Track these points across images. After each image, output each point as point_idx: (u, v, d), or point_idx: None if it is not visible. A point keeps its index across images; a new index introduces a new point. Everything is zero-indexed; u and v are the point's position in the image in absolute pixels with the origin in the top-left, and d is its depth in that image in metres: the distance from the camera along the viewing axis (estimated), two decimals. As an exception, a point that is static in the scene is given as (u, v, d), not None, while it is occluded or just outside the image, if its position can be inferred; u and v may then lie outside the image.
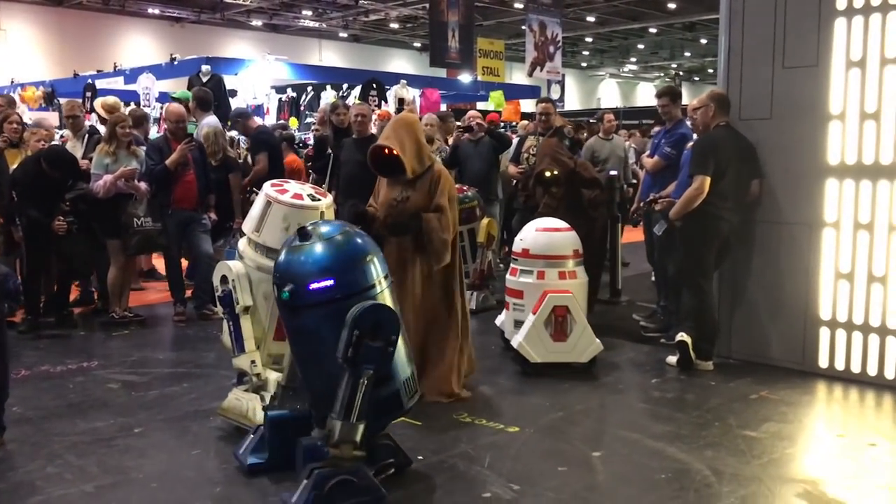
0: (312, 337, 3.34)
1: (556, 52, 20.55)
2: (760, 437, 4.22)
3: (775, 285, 5.45)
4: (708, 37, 28.92)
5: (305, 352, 3.43)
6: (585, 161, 6.84)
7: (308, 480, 3.21)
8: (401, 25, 27.04)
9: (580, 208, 6.30)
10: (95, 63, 16.60)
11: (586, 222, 6.26)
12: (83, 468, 3.81)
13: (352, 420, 3.20)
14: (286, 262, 3.37)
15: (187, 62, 11.61)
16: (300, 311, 3.32)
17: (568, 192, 6.34)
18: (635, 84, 41.84)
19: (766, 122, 5.41)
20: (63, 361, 5.62)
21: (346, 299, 3.24)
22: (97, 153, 6.64)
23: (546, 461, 3.91)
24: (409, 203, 4.67)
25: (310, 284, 3.24)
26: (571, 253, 5.50)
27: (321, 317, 3.27)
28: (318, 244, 3.34)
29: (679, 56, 34.02)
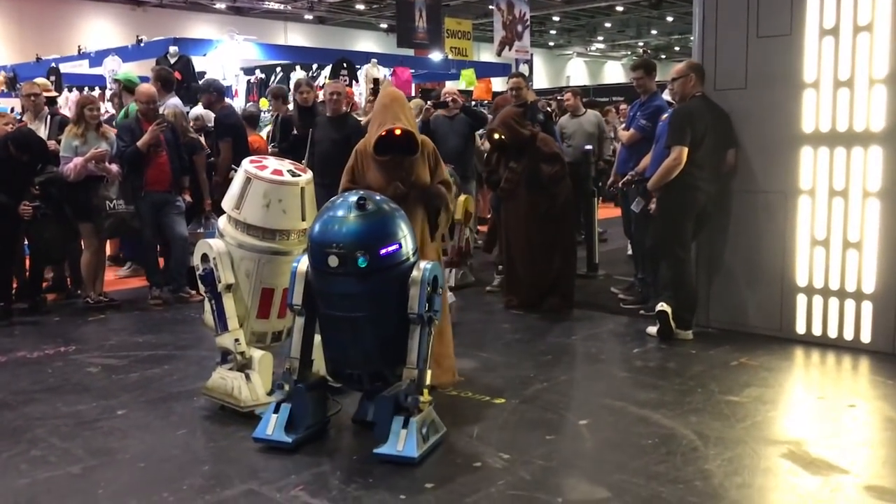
0: (378, 300, 3.56)
1: (525, 31, 20.57)
2: (743, 401, 4.28)
3: (752, 253, 5.52)
4: (674, 15, 29.05)
5: (367, 315, 3.57)
6: (547, 136, 6.68)
7: (406, 428, 3.52)
8: (367, 6, 26.80)
9: (538, 184, 6.22)
10: (56, 48, 16.24)
11: (546, 199, 6.23)
12: (68, 450, 3.76)
13: (428, 367, 3.65)
14: (355, 231, 3.48)
15: (154, 44, 11.41)
16: (371, 275, 3.50)
17: (528, 167, 6.25)
18: (603, 63, 41.96)
19: (740, 92, 5.45)
20: (39, 347, 5.53)
21: (407, 261, 3.62)
22: (66, 135, 6.52)
23: (533, 430, 3.93)
24: (416, 181, 4.37)
25: (381, 250, 3.50)
26: None
27: (390, 279, 3.56)
28: (378, 213, 3.56)
29: (646, 34, 34.15)
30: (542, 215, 6.22)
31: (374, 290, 3.55)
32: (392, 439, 3.52)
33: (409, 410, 3.55)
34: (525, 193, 6.24)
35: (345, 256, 3.45)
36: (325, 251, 3.48)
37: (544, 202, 6.22)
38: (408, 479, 3.39)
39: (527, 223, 6.26)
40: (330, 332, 3.73)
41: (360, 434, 3.88)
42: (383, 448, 3.53)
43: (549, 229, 6.25)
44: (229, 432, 3.94)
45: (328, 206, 3.66)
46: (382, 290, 3.56)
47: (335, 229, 3.50)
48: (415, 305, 3.57)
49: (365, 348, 3.65)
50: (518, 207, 6.32)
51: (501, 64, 18.08)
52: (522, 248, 6.33)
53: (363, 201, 3.55)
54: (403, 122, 4.28)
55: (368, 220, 3.53)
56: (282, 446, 3.66)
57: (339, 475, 3.43)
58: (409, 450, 3.48)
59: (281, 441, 3.67)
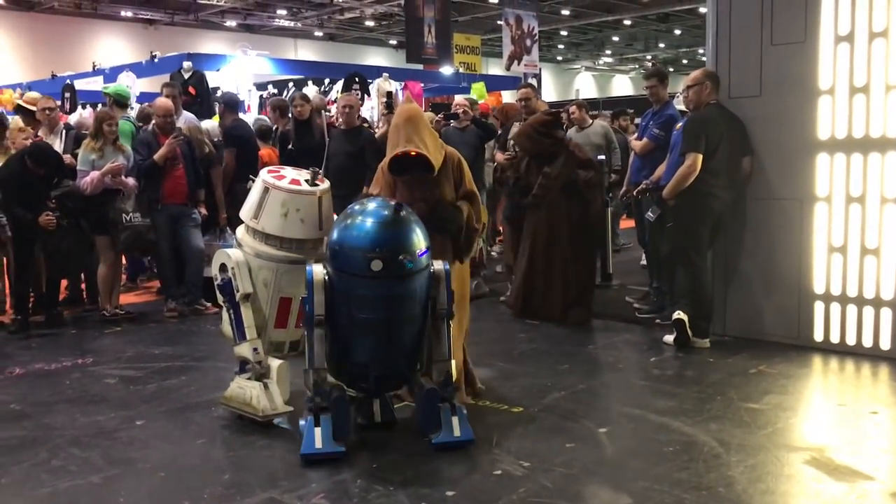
0: (412, 300, 3.73)
1: (533, 45, 20.62)
2: (763, 408, 4.25)
3: (768, 261, 5.50)
4: (682, 28, 29.10)
5: (402, 315, 3.74)
6: (578, 143, 6.76)
7: (456, 415, 3.78)
8: (376, 23, 26.95)
9: (575, 190, 6.25)
10: (70, 65, 16.40)
11: (581, 204, 6.24)
12: (88, 460, 3.77)
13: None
14: (399, 235, 3.60)
15: (168, 59, 11.48)
16: (412, 277, 3.65)
17: (562, 173, 6.25)
18: (611, 76, 42.01)
19: (755, 100, 5.45)
20: (57, 359, 5.55)
21: (432, 264, 3.80)
22: (83, 149, 6.57)
23: (553, 439, 3.91)
24: (441, 195, 4.28)
25: (420, 252, 3.65)
26: None
27: (422, 280, 3.73)
28: (411, 218, 3.70)
29: (653, 48, 34.19)
30: (574, 223, 6.19)
31: (411, 291, 3.71)
32: (446, 428, 3.75)
33: (450, 400, 3.80)
34: (559, 200, 6.21)
35: (389, 260, 3.55)
36: (368, 256, 3.54)
37: (578, 209, 6.20)
38: (428, 486, 3.38)
39: (557, 231, 6.21)
40: (360, 337, 3.77)
41: (377, 440, 3.87)
42: (440, 437, 3.74)
43: (579, 238, 6.23)
44: (248, 441, 3.94)
45: (355, 213, 3.69)
46: (416, 290, 3.73)
47: (378, 234, 3.58)
48: (443, 300, 3.82)
49: (398, 348, 3.82)
50: (549, 215, 6.25)
51: (511, 77, 18.12)
52: (548, 257, 6.26)
53: (400, 207, 3.66)
54: (417, 143, 4.12)
55: (407, 224, 3.65)
56: (335, 457, 3.63)
57: (360, 483, 3.42)
58: (465, 434, 3.76)
59: (334, 451, 3.64)
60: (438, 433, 3.76)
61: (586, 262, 6.33)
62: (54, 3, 21.74)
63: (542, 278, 6.32)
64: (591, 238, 6.41)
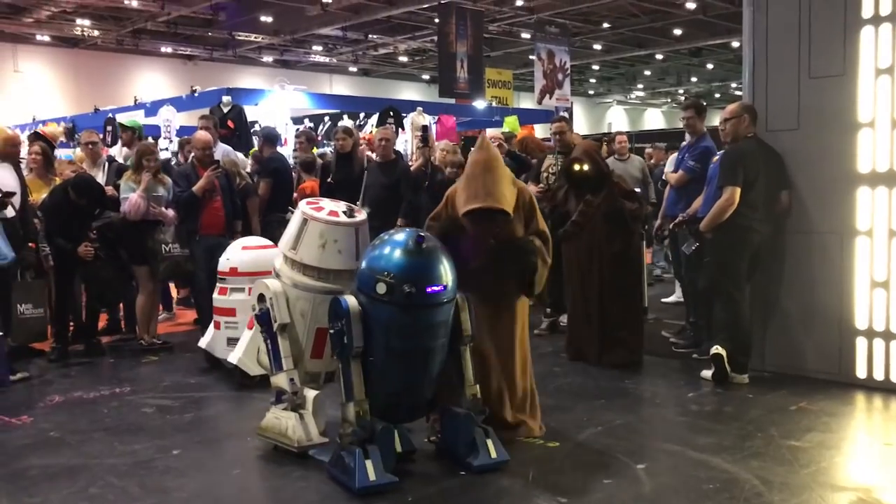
0: (444, 327, 3.81)
1: (565, 79, 20.70)
2: (805, 446, 4.16)
3: (808, 296, 5.42)
4: (714, 62, 29.06)
5: (437, 343, 3.81)
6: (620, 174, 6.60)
7: (490, 438, 3.88)
8: (409, 58, 27.30)
9: (618, 220, 5.91)
10: (113, 100, 16.80)
11: (624, 235, 5.92)
12: (125, 489, 3.79)
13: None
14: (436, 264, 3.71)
15: (208, 93, 11.72)
16: (446, 305, 3.75)
17: (605, 202, 5.95)
18: (643, 110, 41.98)
19: (793, 133, 5.41)
20: (95, 387, 5.61)
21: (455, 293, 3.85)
22: (124, 179, 6.71)
23: (591, 474, 3.86)
24: (510, 231, 4.24)
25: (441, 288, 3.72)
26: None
27: (450, 308, 3.81)
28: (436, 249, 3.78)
29: (686, 82, 34.14)
30: (615, 254, 5.88)
31: (444, 319, 3.81)
32: (482, 451, 3.85)
33: (481, 423, 3.90)
34: (601, 229, 5.89)
35: (421, 289, 3.64)
36: (425, 285, 3.65)
37: (620, 240, 5.90)
38: (465, 520, 3.35)
39: (598, 262, 5.89)
40: (393, 366, 3.77)
41: (404, 471, 3.83)
42: (479, 460, 3.83)
43: (620, 272, 5.90)
44: (284, 472, 3.93)
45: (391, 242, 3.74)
46: (447, 318, 3.83)
47: (430, 265, 3.70)
48: (469, 327, 3.92)
49: (430, 377, 3.89)
50: (588, 245, 5.94)
51: (543, 111, 18.19)
52: (584, 292, 5.99)
53: (422, 239, 3.71)
54: (497, 196, 4.08)
55: (441, 254, 3.77)
56: (392, 487, 3.65)
57: (394, 516, 3.40)
58: (501, 455, 3.88)
59: (390, 482, 3.66)
60: (476, 456, 3.84)
61: (627, 298, 5.95)
62: (97, 40, 22.34)
63: (582, 314, 6.04)
64: (634, 272, 6.08)
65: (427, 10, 19.50)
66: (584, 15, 21.53)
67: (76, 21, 20.59)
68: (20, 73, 21.95)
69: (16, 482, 3.90)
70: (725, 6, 19.24)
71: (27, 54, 22.17)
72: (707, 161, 6.09)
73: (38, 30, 21.07)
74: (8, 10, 19.24)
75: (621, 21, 22.50)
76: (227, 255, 5.92)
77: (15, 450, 4.37)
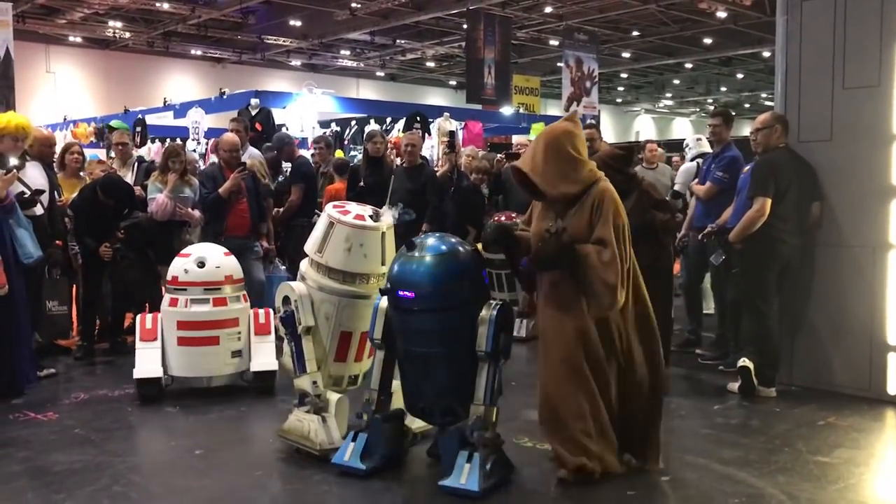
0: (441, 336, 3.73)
1: (593, 87, 20.63)
2: (833, 462, 4.09)
3: (838, 310, 5.33)
4: (744, 72, 28.83)
5: (434, 350, 3.74)
6: (653, 183, 6.10)
7: (470, 463, 3.62)
8: (437, 64, 27.34)
9: (647, 232, 5.40)
10: (142, 101, 17.00)
11: (654, 248, 5.44)
12: (147, 488, 3.81)
13: (496, 404, 3.74)
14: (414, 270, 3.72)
15: (236, 96, 11.81)
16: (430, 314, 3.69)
17: (633, 212, 5.50)
18: (671, 119, 41.74)
19: (825, 144, 5.34)
20: (120, 386, 5.64)
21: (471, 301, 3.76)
22: (151, 181, 6.75)
23: (613, 486, 3.80)
24: (566, 235, 3.79)
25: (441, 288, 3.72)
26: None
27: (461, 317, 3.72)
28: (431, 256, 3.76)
29: (715, 91, 33.92)
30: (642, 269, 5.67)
31: (442, 328, 3.71)
32: (456, 472, 3.63)
33: (475, 445, 3.65)
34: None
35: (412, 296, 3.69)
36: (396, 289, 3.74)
37: (650, 253, 5.38)
38: (486, 529, 3.32)
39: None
40: (406, 367, 3.89)
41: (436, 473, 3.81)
42: (447, 481, 3.64)
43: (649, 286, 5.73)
44: (305, 475, 3.93)
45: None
46: (453, 327, 3.72)
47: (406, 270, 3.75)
48: (483, 343, 3.70)
49: (432, 383, 3.82)
50: None
51: (571, 119, 18.14)
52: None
53: (412, 244, 3.81)
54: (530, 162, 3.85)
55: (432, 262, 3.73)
56: (356, 472, 3.81)
57: (416, 522, 3.38)
58: (471, 483, 3.58)
59: (356, 467, 3.84)
60: (447, 476, 3.66)
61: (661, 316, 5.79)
62: (128, 42, 22.62)
63: None
64: (665, 287, 5.61)
65: (455, 15, 19.52)
66: (613, 22, 21.45)
67: (108, 23, 20.85)
68: (52, 74, 22.26)
69: (41, 478, 3.93)
70: (757, 15, 19.06)
71: (59, 55, 22.48)
72: (735, 170, 6.01)
73: (70, 31, 21.37)
74: (42, 11, 19.53)
75: (651, 29, 22.40)
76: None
77: (40, 445, 4.40)
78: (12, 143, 5.66)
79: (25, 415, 4.98)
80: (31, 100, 19.35)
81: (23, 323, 5.46)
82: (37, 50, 21.43)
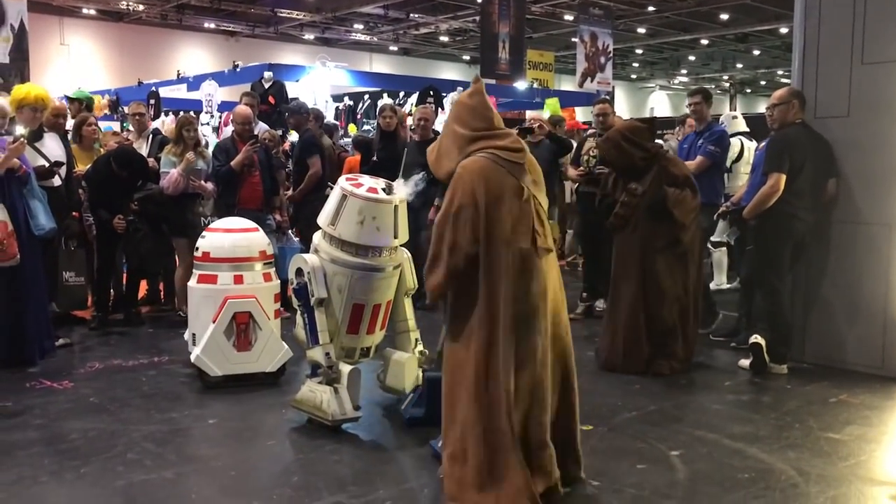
0: None
1: (607, 62, 20.45)
2: (844, 439, 4.09)
3: (852, 287, 5.31)
4: (761, 48, 28.49)
5: None
6: (676, 157, 5.81)
7: None
8: (450, 38, 27.15)
9: (662, 211, 5.22)
10: (156, 73, 16.97)
11: (668, 230, 5.22)
12: (162, 455, 3.85)
13: None
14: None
15: (249, 69, 11.77)
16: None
17: (650, 191, 5.29)
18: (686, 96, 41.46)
19: (843, 120, 5.28)
20: (134, 356, 5.70)
21: None
22: (165, 152, 6.76)
23: (623, 459, 3.83)
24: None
25: None
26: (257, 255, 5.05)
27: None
28: None
29: (731, 68, 33.56)
30: (661, 251, 5.24)
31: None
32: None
33: None
34: (644, 222, 5.27)
35: None
36: None
37: (665, 234, 5.21)
38: (496, 500, 3.33)
39: (642, 259, 5.28)
40: None
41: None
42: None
43: (668, 270, 5.25)
44: (317, 445, 3.97)
45: None
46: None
47: None
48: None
49: None
50: (633, 239, 5.33)
51: (585, 93, 18.01)
52: (632, 292, 5.30)
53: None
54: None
55: None
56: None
57: (427, 493, 3.42)
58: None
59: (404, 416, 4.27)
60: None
61: (674, 302, 5.27)
62: (142, 15, 22.55)
63: (623, 316, 5.34)
64: (685, 272, 5.30)
65: (469, -11, 19.37)
66: (628, -3, 21.25)
67: (122, -5, 20.82)
68: (66, 46, 22.25)
69: (57, 445, 3.98)
70: (775, -9, 18.84)
71: (73, 27, 22.47)
72: (725, 145, 6.12)
73: (84, 3, 21.35)
74: (56, -17, 19.52)
75: (666, 4, 22.14)
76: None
77: (56, 414, 4.46)
78: (31, 113, 5.68)
79: (41, 383, 5.04)
80: (46, 72, 19.36)
81: (37, 293, 5.51)
82: (51, 22, 21.40)
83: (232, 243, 5.05)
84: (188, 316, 5.32)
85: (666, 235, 5.24)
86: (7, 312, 5.30)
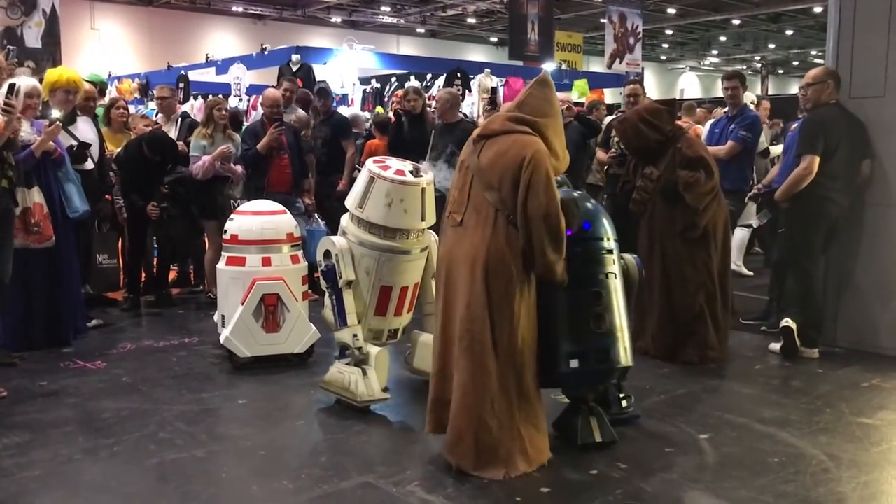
0: None
1: (637, 43, 20.25)
2: (877, 424, 4.04)
3: (886, 270, 5.22)
4: (793, 28, 27.97)
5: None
6: (695, 138, 5.62)
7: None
8: (478, 20, 26.99)
9: (675, 194, 5.08)
10: (184, 57, 17.08)
11: (684, 214, 5.06)
12: (193, 435, 3.90)
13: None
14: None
15: (277, 52, 11.80)
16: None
17: (665, 172, 5.17)
18: (716, 78, 40.79)
19: (878, 101, 5.18)
20: (165, 337, 5.78)
21: None
22: (195, 136, 6.80)
23: (652, 442, 3.82)
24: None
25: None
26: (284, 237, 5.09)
27: None
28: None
29: (763, 48, 33.01)
30: (678, 236, 5.11)
31: None
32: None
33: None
34: (660, 207, 5.16)
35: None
36: None
37: (681, 219, 5.09)
38: (523, 482, 3.35)
39: (661, 244, 5.19)
40: None
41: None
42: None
43: (689, 256, 5.12)
44: (346, 426, 4.00)
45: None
46: None
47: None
48: None
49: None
50: (651, 224, 5.25)
51: (614, 75, 17.84)
52: (655, 277, 5.12)
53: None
54: None
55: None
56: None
57: (454, 474, 3.42)
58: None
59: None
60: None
61: (698, 288, 5.12)
62: (171, -1, 22.71)
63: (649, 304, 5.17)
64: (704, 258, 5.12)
65: (497, -30, 19.21)
66: (658, -23, 20.95)
67: (151, -20, 20.93)
68: (97, 31, 22.43)
69: (90, 423, 4.06)
70: (809, -31, 18.46)
71: (103, 12, 22.64)
72: (757, 131, 6.01)
73: (114, -12, 21.50)
74: (87, -32, 19.65)
75: (697, -16, 21.81)
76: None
77: (90, 393, 4.54)
78: (64, 96, 5.73)
79: (75, 363, 5.13)
80: (77, 56, 19.55)
81: (71, 275, 5.59)
82: (82, 7, 21.58)
83: (260, 226, 5.08)
84: (217, 298, 5.37)
85: (682, 220, 5.09)
86: (43, 294, 5.39)
